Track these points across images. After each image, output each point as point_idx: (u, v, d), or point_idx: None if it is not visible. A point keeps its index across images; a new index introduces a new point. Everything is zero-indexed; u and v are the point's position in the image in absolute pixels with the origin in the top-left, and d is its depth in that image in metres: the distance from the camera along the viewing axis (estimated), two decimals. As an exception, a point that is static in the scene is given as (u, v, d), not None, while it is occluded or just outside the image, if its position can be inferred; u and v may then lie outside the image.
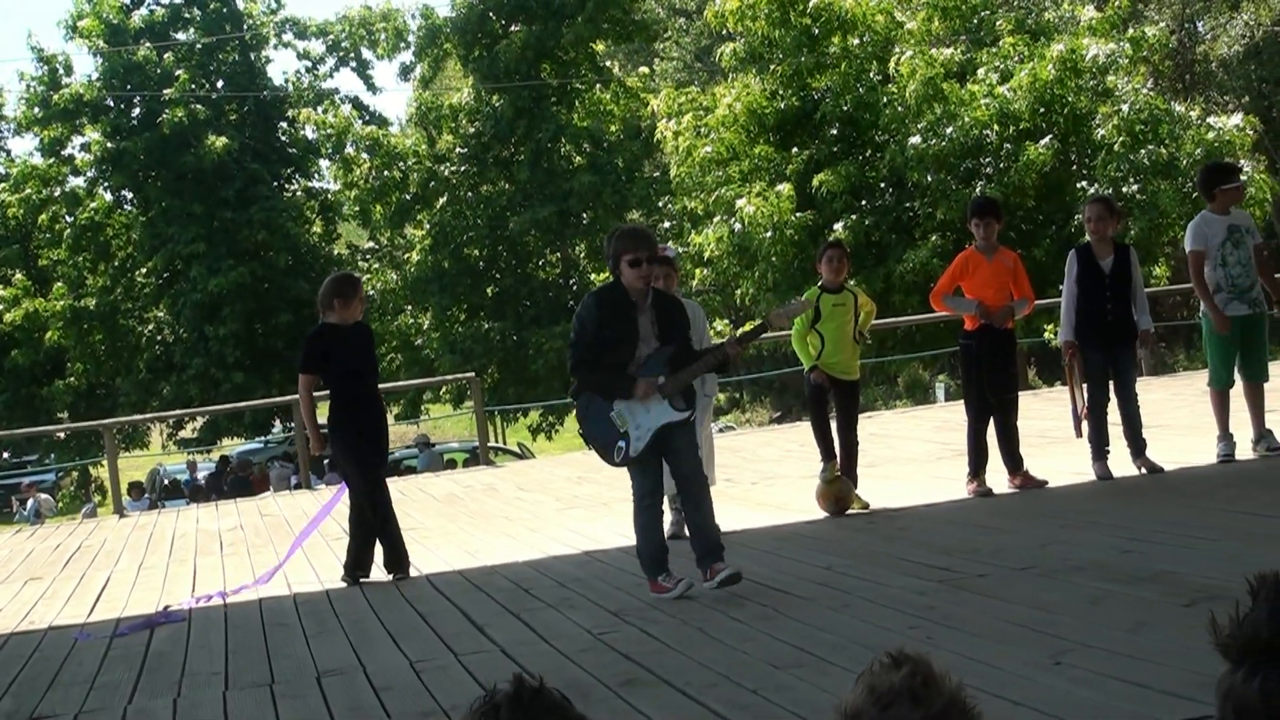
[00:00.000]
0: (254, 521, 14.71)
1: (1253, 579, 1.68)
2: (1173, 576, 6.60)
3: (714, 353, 7.81)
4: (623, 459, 7.62)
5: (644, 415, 7.53)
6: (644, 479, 7.67)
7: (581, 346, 7.62)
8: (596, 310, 7.60)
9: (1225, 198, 10.43)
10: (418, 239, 35.42)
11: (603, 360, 7.59)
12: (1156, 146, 23.68)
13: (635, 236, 7.71)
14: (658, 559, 7.69)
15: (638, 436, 7.53)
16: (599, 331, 7.55)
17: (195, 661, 7.65)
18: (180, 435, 38.32)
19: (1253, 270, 10.33)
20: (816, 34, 25.20)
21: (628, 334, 7.55)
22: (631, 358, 7.57)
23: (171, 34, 37.31)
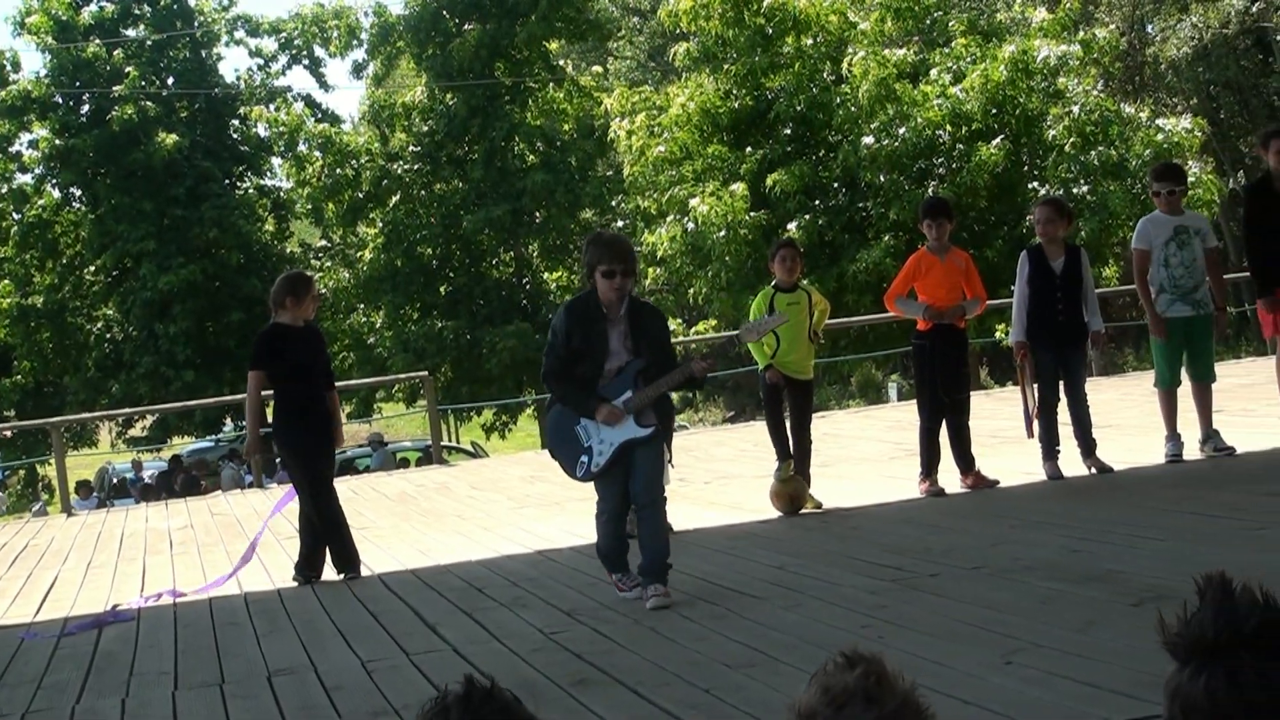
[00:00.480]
0: (204, 520, 14.63)
1: (1199, 579, 1.69)
2: (1121, 576, 6.64)
3: (680, 370, 7.54)
4: (585, 474, 7.53)
5: (608, 430, 7.41)
6: (607, 494, 7.58)
7: (553, 356, 7.51)
8: (567, 321, 7.45)
9: (1165, 200, 10.49)
10: (370, 237, 35.30)
11: (572, 372, 7.47)
12: (1106, 148, 23.85)
13: (611, 247, 7.48)
14: (616, 556, 7.67)
15: (600, 451, 7.42)
16: (568, 342, 7.42)
17: (144, 661, 7.59)
18: (130, 434, 38.03)
19: (1198, 271, 10.39)
20: (770, 34, 25.25)
21: (596, 347, 7.41)
22: (599, 371, 7.43)
23: (121, 30, 37.04)
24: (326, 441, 9.78)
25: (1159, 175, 10.79)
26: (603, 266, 7.31)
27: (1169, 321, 10.42)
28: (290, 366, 9.61)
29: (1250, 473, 9.68)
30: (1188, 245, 10.36)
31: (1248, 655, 1.58)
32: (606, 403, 7.38)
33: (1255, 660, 1.58)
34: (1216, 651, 1.60)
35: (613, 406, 7.37)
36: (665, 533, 7.61)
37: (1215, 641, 1.60)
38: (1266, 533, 7.37)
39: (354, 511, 13.79)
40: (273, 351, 9.65)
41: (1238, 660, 1.58)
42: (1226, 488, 9.05)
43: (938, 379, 10.36)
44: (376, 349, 34.00)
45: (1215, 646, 1.60)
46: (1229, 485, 9.15)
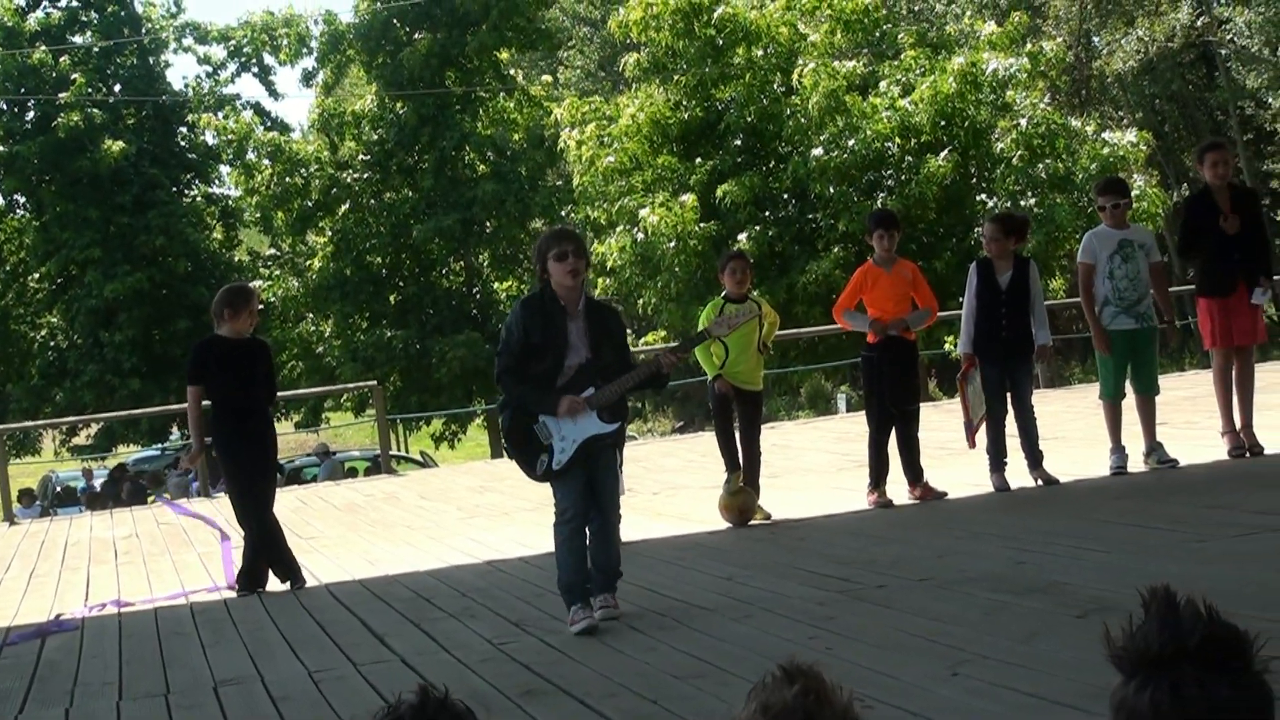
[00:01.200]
0: (150, 530, 14.52)
1: (1144, 591, 1.70)
2: (1066, 588, 6.69)
3: (647, 365, 7.32)
4: (544, 472, 7.14)
5: (569, 427, 7.07)
6: (567, 495, 7.15)
7: (508, 354, 7.17)
8: (524, 316, 7.13)
9: (1109, 214, 10.60)
10: (320, 246, 35.13)
11: (529, 369, 7.13)
12: (1053, 161, 24.06)
13: (558, 233, 7.27)
14: (575, 586, 7.16)
15: (561, 449, 7.07)
16: (526, 339, 7.08)
17: (88, 671, 7.53)
18: (74, 442, 37.71)
19: (1142, 285, 10.49)
20: (720, 45, 25.34)
21: (556, 342, 7.09)
22: (560, 368, 7.10)
23: (68, 37, 36.75)
24: (264, 455, 9.71)
25: (1104, 189, 10.89)
26: (554, 250, 7.03)
27: (1113, 334, 10.52)
28: (226, 381, 9.56)
29: (1193, 485, 9.77)
30: (1132, 259, 10.46)
31: (1191, 668, 1.60)
32: (569, 395, 7.08)
33: (1199, 673, 1.60)
34: (1161, 664, 1.61)
35: (575, 398, 7.05)
36: (618, 544, 7.36)
37: (1160, 654, 1.62)
38: (1208, 545, 7.43)
39: (302, 521, 13.76)
40: (207, 365, 9.62)
41: (1181, 673, 1.60)
42: (1169, 500, 9.13)
43: (886, 390, 10.40)
44: (325, 358, 33.85)
45: (1160, 659, 1.62)
46: (1172, 498, 9.23)
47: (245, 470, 9.61)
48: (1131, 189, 23.85)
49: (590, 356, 7.13)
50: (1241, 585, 6.27)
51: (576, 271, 7.06)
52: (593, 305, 7.29)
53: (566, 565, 7.18)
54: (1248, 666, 1.63)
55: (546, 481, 7.24)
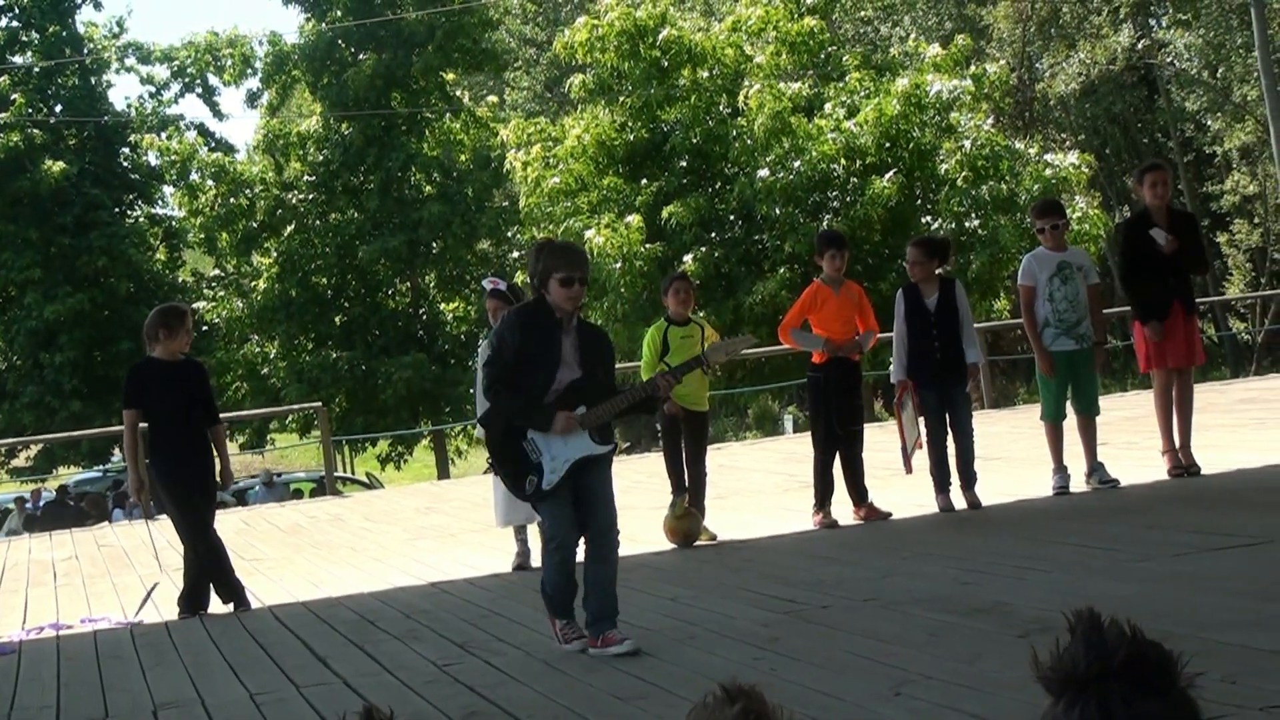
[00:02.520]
0: (90, 552, 14.39)
1: (1070, 614, 1.72)
2: (1008, 608, 6.72)
3: (642, 388, 7.15)
4: (534, 492, 6.88)
5: (560, 446, 6.82)
6: (557, 518, 6.88)
7: (499, 366, 6.88)
8: (520, 328, 6.86)
9: (1048, 235, 10.69)
10: (265, 267, 34.98)
11: (520, 383, 6.85)
12: (997, 182, 24.23)
13: (569, 254, 7.02)
14: (565, 601, 6.97)
15: (552, 469, 6.80)
16: (521, 349, 6.82)
17: (25, 695, 7.45)
18: (13, 464, 37.35)
19: (1081, 306, 10.57)
20: (666, 66, 25.40)
21: (550, 356, 6.84)
22: (551, 382, 6.84)
23: (8, 57, 36.48)
24: (202, 477, 9.63)
25: (1041, 211, 10.99)
26: (560, 274, 6.78)
27: (1054, 355, 10.60)
28: (163, 402, 9.49)
29: (1133, 505, 9.85)
30: (1071, 280, 10.55)
31: (1118, 687, 1.61)
32: (564, 411, 6.83)
33: (1125, 692, 1.61)
34: (1087, 684, 1.63)
35: (571, 415, 6.82)
36: (614, 568, 7.02)
37: (1086, 674, 1.63)
38: (1148, 565, 7.49)
39: (245, 543, 13.67)
40: (143, 388, 9.54)
41: (1108, 692, 1.61)
42: (1111, 520, 9.19)
43: (832, 411, 10.43)
44: (270, 379, 33.68)
45: (1086, 679, 1.63)
46: (1113, 518, 9.30)
47: (184, 492, 9.53)
48: (1073, 210, 24.20)
49: (581, 374, 6.92)
50: (1181, 604, 6.33)
51: (577, 300, 6.91)
52: (584, 325, 7.13)
53: (557, 586, 6.94)
54: (1174, 684, 1.65)
55: (533, 502, 7.03)
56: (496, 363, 6.93)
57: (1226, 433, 13.17)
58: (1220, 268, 40.96)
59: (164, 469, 9.57)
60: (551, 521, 6.94)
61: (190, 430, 9.57)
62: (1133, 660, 1.62)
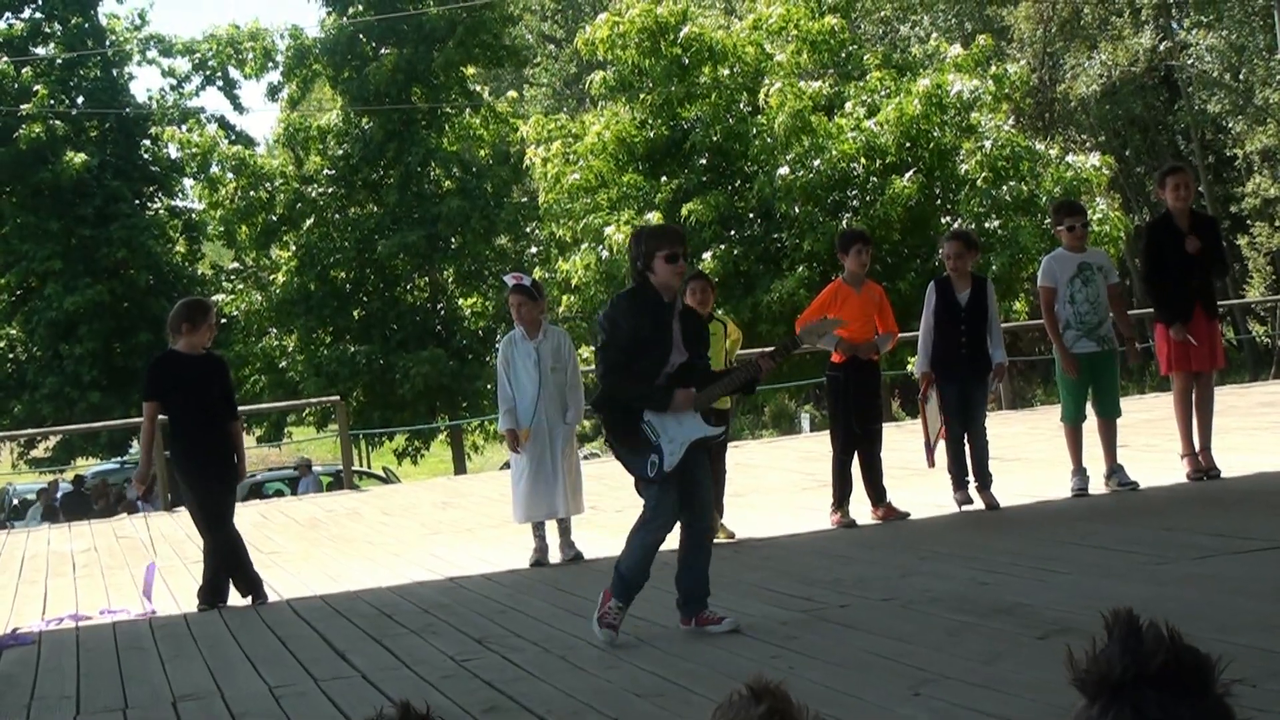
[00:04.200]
0: (108, 543, 14.43)
1: (1108, 615, 1.71)
2: (1027, 609, 6.71)
3: (745, 369, 7.21)
4: (656, 474, 6.88)
5: (675, 428, 6.87)
6: (662, 502, 6.95)
7: (615, 350, 6.91)
8: (632, 313, 6.90)
9: (1067, 236, 10.68)
10: (284, 260, 35.02)
11: (637, 365, 6.90)
12: (1017, 183, 24.19)
13: (670, 233, 7.10)
14: (633, 586, 7.03)
15: (671, 451, 6.85)
16: (636, 333, 6.86)
17: (45, 685, 7.48)
18: (32, 455, 37.46)
19: (1102, 308, 10.55)
20: (687, 64, 25.40)
21: (663, 339, 6.90)
22: (665, 364, 6.90)
23: (31, 48, 36.57)
24: (222, 471, 9.65)
25: (1062, 211, 10.99)
26: (664, 251, 6.86)
27: (1076, 357, 10.57)
28: (184, 395, 9.52)
29: (1152, 508, 9.83)
30: (1091, 282, 10.52)
31: (1153, 692, 1.61)
32: (682, 389, 6.89)
33: (1160, 697, 1.61)
34: (1123, 688, 1.62)
35: (689, 391, 6.88)
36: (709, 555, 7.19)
37: (1121, 678, 1.62)
38: (1166, 568, 7.48)
39: (263, 536, 13.70)
40: (164, 380, 9.57)
41: (1144, 697, 1.61)
42: (1129, 522, 9.18)
43: (851, 410, 10.42)
44: (288, 373, 33.71)
45: (1121, 683, 1.62)
46: (1132, 520, 9.28)
47: (204, 485, 9.56)
48: (1094, 212, 24.15)
49: (689, 355, 6.99)
50: (1200, 607, 6.31)
51: (682, 275, 7.03)
52: (685, 308, 7.20)
53: (634, 568, 7.01)
54: (1210, 690, 1.64)
55: (655, 483, 6.97)
56: (611, 347, 6.96)
57: (1246, 436, 13.14)
58: (1240, 271, 40.83)
59: (184, 462, 9.61)
60: (656, 504, 6.98)
61: (211, 424, 9.60)
62: (1170, 665, 1.61)
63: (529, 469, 10.02)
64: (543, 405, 10.03)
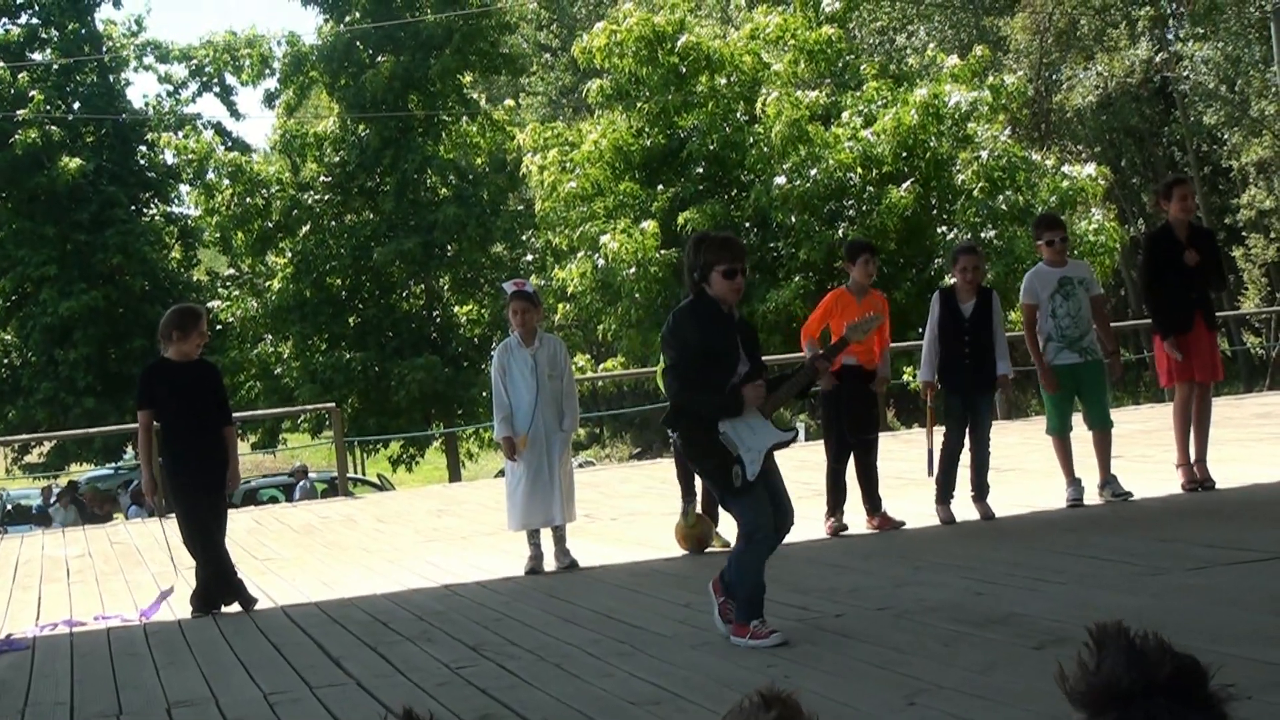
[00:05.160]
0: (103, 549, 14.41)
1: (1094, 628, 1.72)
2: (1022, 619, 6.71)
3: (802, 373, 7.20)
4: (742, 484, 6.84)
5: (750, 437, 6.84)
6: (759, 511, 6.91)
7: (686, 365, 6.88)
8: (697, 324, 6.86)
9: (1047, 251, 10.72)
10: (279, 267, 35.02)
11: (707, 379, 6.87)
12: (1014, 193, 24.22)
13: (729, 246, 7.01)
14: (757, 601, 6.92)
15: (751, 460, 6.82)
16: (704, 344, 6.83)
17: (39, 691, 7.47)
18: (26, 460, 37.43)
19: (1083, 321, 10.58)
20: (684, 73, 25.43)
21: (730, 349, 6.88)
22: (733, 373, 6.87)
23: (27, 54, 36.57)
24: (212, 480, 9.63)
25: (1041, 226, 11.06)
26: (723, 266, 6.82)
27: (1057, 369, 10.61)
28: (176, 403, 9.51)
29: (1147, 518, 9.84)
30: (1073, 296, 10.56)
31: (1164, 701, 1.61)
32: (749, 386, 6.85)
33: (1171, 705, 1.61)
34: (1132, 699, 1.63)
35: (757, 385, 6.85)
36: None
37: (1130, 690, 1.63)
38: (1161, 578, 7.48)
39: (257, 543, 13.70)
40: (156, 388, 9.57)
41: (1155, 706, 1.61)
42: (1125, 533, 9.18)
43: (845, 420, 10.43)
44: (283, 379, 33.71)
45: (1130, 694, 1.63)
46: (1127, 530, 9.29)
47: (191, 493, 9.53)
48: (1090, 223, 24.20)
49: (751, 364, 6.98)
50: (1196, 618, 6.32)
51: (741, 291, 6.98)
52: (740, 317, 7.17)
53: (753, 585, 6.91)
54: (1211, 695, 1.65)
55: (736, 495, 6.92)
56: (682, 363, 6.92)
57: (1241, 447, 13.15)
58: (1235, 282, 40.86)
59: (174, 470, 9.58)
60: (753, 514, 6.93)
61: (203, 431, 9.58)
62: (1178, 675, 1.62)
63: (526, 477, 10.02)
64: (540, 413, 10.03)
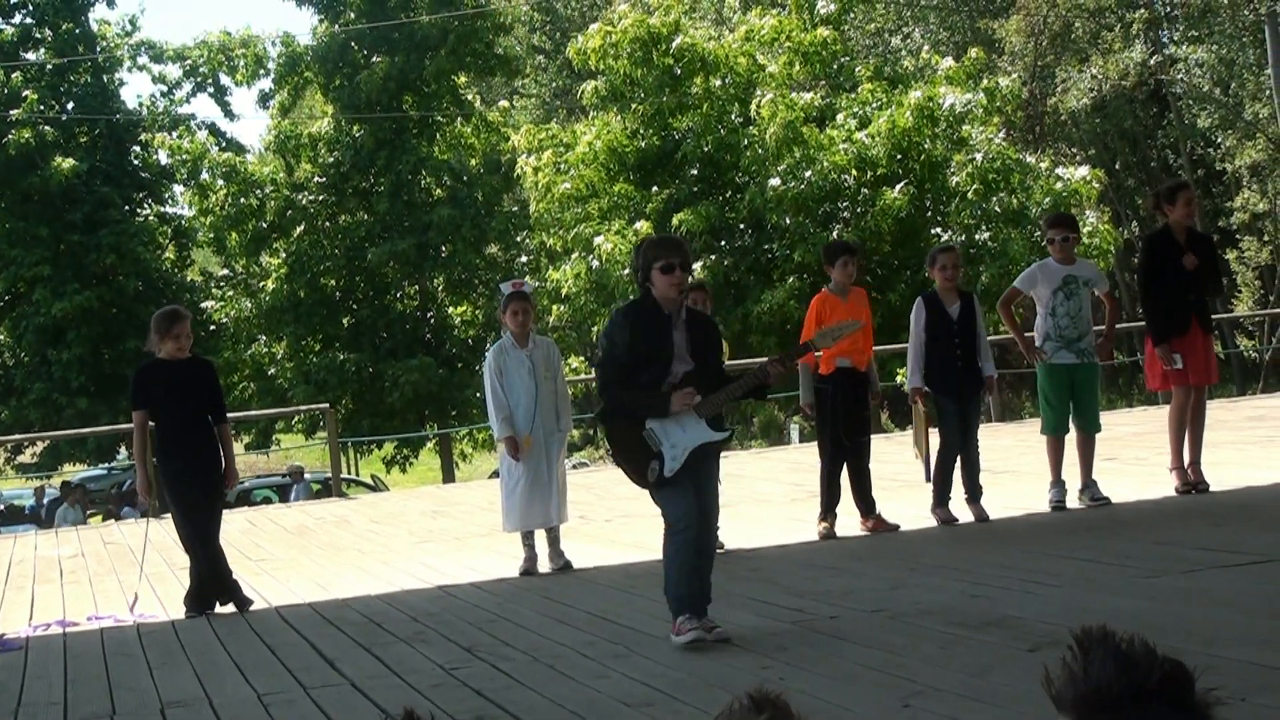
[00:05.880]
0: (96, 549, 14.39)
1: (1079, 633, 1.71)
2: (1017, 622, 6.71)
3: (753, 374, 7.15)
4: (656, 479, 6.96)
5: (679, 434, 6.91)
6: (679, 504, 6.96)
7: (612, 364, 7.01)
8: (628, 325, 6.99)
9: (1053, 248, 10.71)
10: (273, 267, 35.00)
11: (636, 378, 6.96)
12: (1008, 195, 24.25)
13: (666, 243, 7.18)
14: (688, 596, 6.99)
15: (673, 456, 6.90)
16: (633, 347, 6.94)
17: (32, 691, 7.45)
18: (19, 460, 37.38)
19: (1083, 321, 10.57)
20: (679, 74, 25.44)
21: (662, 350, 6.96)
22: (665, 376, 6.95)
23: (21, 53, 36.52)
24: (207, 480, 9.62)
25: (1053, 223, 11.01)
26: (660, 262, 6.94)
27: (1054, 369, 10.59)
28: (169, 402, 9.50)
29: (1142, 521, 9.84)
30: (1075, 295, 10.54)
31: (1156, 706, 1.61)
32: (678, 391, 6.90)
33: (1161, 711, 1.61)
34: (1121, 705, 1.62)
35: (687, 392, 6.91)
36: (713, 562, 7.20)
37: (1120, 695, 1.62)
38: (1156, 581, 7.48)
39: (251, 543, 13.69)
40: (148, 388, 9.57)
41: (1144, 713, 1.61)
42: (1119, 535, 9.19)
43: (838, 422, 10.42)
44: (277, 380, 33.70)
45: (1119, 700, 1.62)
46: (1121, 533, 9.30)
47: (183, 491, 9.52)
48: (1084, 225, 24.19)
49: (695, 365, 7.02)
50: (1190, 621, 6.32)
51: (681, 285, 7.01)
52: (693, 315, 7.22)
53: (679, 578, 7.00)
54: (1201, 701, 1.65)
55: (657, 489, 7.02)
56: (609, 362, 7.03)
57: (1235, 450, 13.16)
58: (1228, 285, 40.89)
59: (169, 470, 9.57)
60: (674, 506, 7.00)
61: (197, 428, 9.57)
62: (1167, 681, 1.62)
63: (525, 478, 10.00)
64: (539, 414, 10.02)
